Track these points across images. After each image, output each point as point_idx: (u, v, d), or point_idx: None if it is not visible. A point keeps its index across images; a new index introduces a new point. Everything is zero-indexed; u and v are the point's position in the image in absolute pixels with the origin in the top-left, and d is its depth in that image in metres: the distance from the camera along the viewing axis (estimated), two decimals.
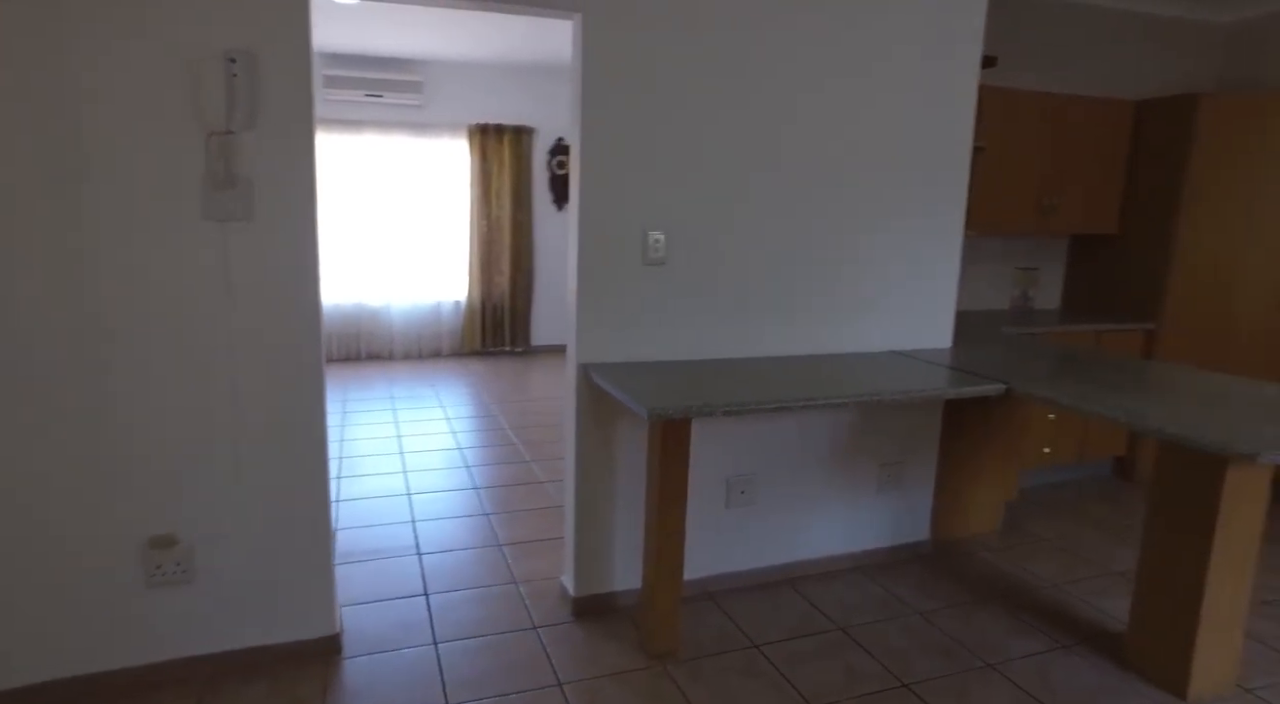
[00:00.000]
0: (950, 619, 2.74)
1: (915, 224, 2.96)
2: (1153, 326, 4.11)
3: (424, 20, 5.24)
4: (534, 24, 5.29)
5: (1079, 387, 2.43)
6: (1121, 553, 3.34)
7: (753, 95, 2.59)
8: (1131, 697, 2.33)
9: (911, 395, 2.33)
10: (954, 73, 2.90)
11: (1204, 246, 3.99)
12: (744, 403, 2.11)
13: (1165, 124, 4.06)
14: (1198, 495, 2.27)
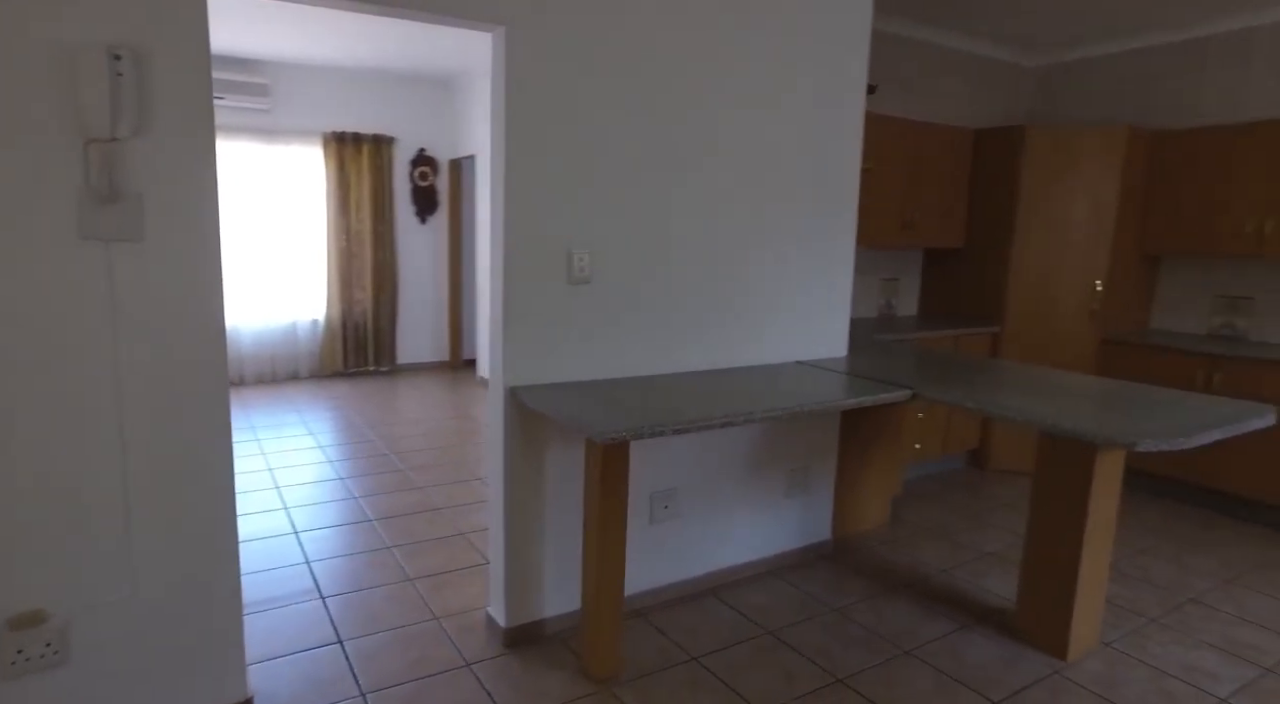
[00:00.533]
0: (864, 612, 2.90)
1: (815, 240, 3.13)
2: (997, 329, 4.60)
3: (273, 17, 4.86)
4: (400, 29, 5.07)
5: (971, 389, 2.67)
6: (988, 536, 3.70)
7: (674, 118, 2.63)
8: (1024, 663, 2.58)
9: (839, 404, 2.46)
10: (846, 101, 3.10)
11: (1033, 258, 4.52)
12: (693, 420, 2.13)
13: (1000, 151, 4.56)
14: (1073, 480, 2.57)
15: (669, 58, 2.58)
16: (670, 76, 2.60)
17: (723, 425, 2.17)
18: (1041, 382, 2.87)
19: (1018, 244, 4.53)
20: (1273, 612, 3.04)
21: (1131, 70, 4.79)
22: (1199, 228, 4.33)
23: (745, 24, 2.74)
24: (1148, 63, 4.72)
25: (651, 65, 2.55)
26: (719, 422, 2.17)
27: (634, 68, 2.52)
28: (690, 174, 2.72)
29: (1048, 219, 4.48)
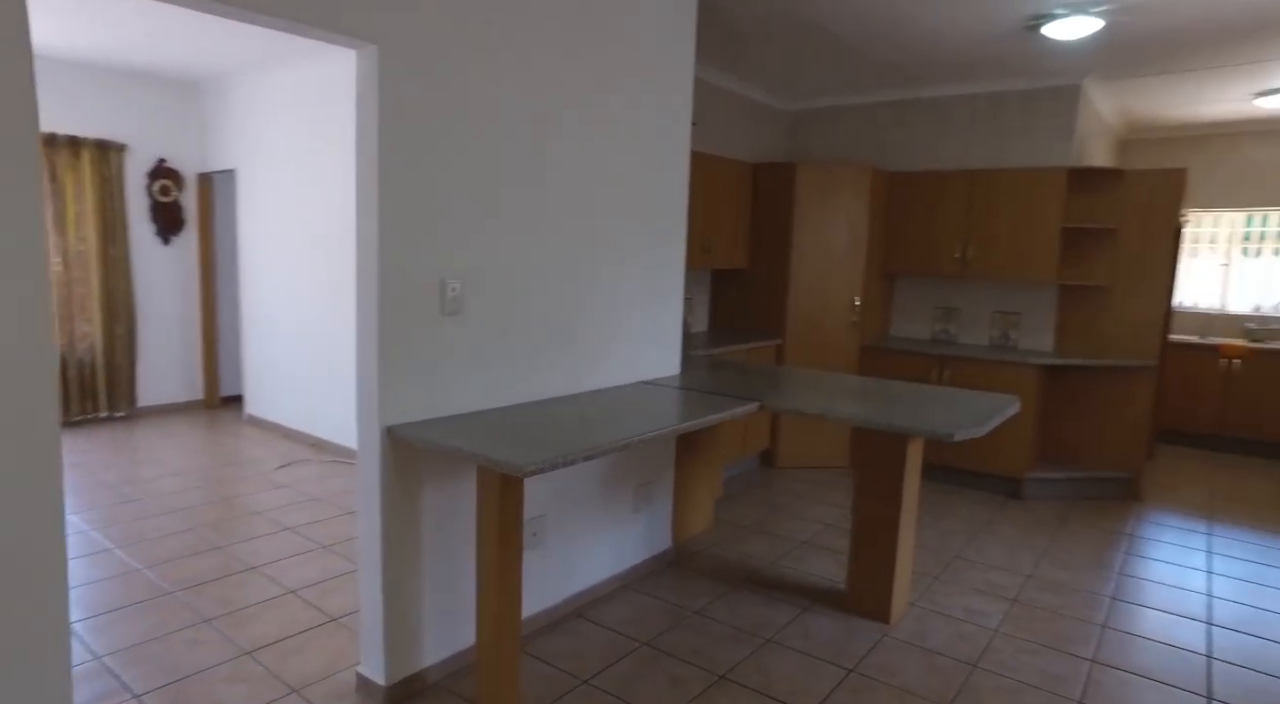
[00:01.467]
0: (720, 610, 3.14)
1: (653, 265, 3.33)
2: (780, 341, 5.18)
3: None
4: (143, 20, 4.43)
5: (801, 397, 3.02)
6: (797, 527, 4.17)
7: (536, 148, 2.66)
8: (860, 632, 2.99)
9: (710, 420, 2.65)
10: (675, 135, 3.35)
11: (807, 277, 5.18)
12: (598, 445, 2.19)
13: (775, 183, 5.17)
14: (890, 469, 3.03)
15: (533, 89, 2.62)
16: (534, 108, 2.63)
17: (622, 449, 2.26)
18: (845, 386, 3.33)
19: (794, 264, 5.15)
20: (1004, 556, 3.81)
21: (865, 119, 5.70)
22: (922, 253, 5.28)
23: (596, 58, 2.86)
24: (876, 115, 5.65)
25: (517, 97, 2.57)
26: (620, 445, 2.25)
27: (500, 98, 2.51)
28: (550, 202, 2.76)
29: (817, 243, 5.16)
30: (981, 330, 5.39)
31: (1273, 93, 5.28)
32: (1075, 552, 3.96)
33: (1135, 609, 3.31)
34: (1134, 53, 4.32)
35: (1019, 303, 5.21)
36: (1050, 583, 3.54)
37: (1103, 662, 2.85)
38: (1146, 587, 3.55)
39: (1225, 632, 3.12)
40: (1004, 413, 2.91)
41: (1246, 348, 6.11)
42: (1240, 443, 6.17)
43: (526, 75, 2.60)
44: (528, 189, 2.67)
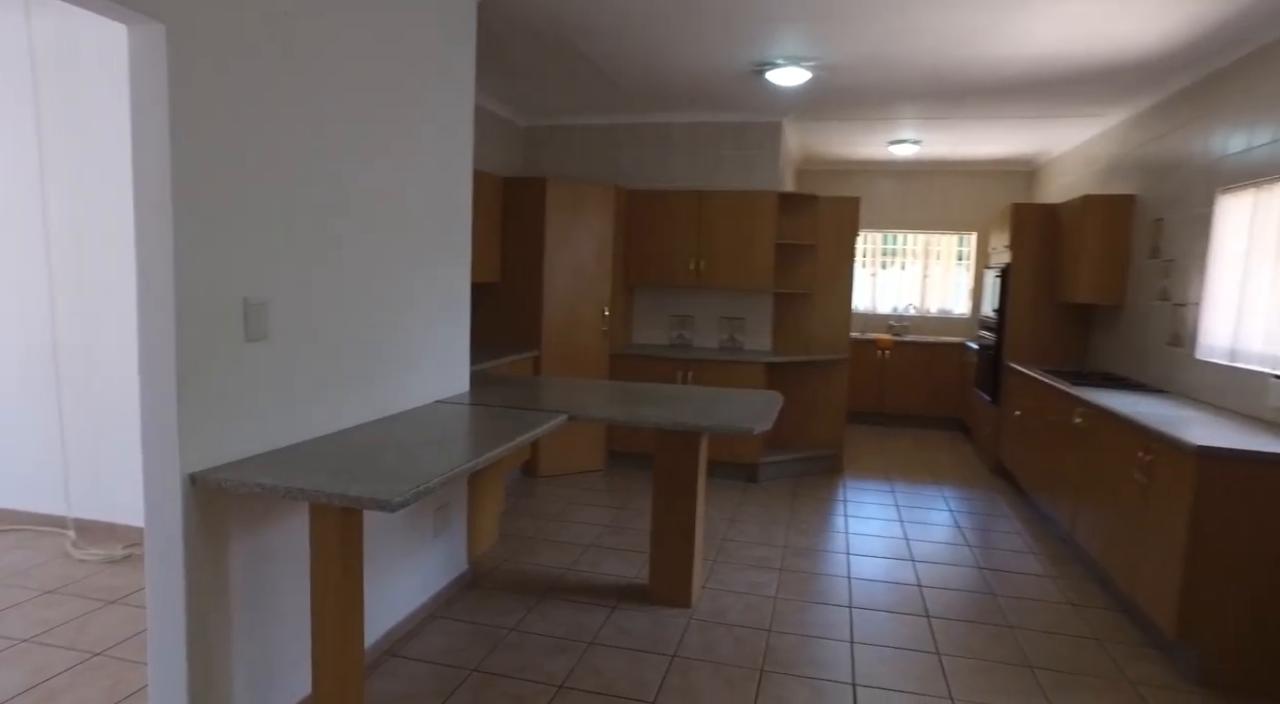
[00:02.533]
0: (536, 623, 3.15)
1: (444, 282, 3.21)
2: (537, 353, 5.28)
3: None
4: None
5: (600, 405, 3.16)
6: (578, 532, 4.31)
7: (337, 160, 2.43)
8: (669, 619, 3.21)
9: (529, 437, 2.65)
10: (461, 150, 3.27)
11: (560, 289, 5.35)
12: (456, 467, 2.09)
13: (526, 197, 5.25)
14: (686, 465, 3.30)
15: (333, 95, 2.39)
16: (334, 114, 2.41)
17: (472, 471, 2.18)
18: (625, 392, 3.53)
19: (547, 277, 5.28)
20: (760, 533, 4.36)
21: (600, 139, 6.05)
22: (660, 265, 5.76)
23: (390, 71, 2.70)
24: (610, 135, 6.02)
25: (316, 103, 2.33)
26: (469, 468, 2.17)
27: (300, 102, 2.27)
28: (350, 215, 2.55)
29: (568, 256, 5.35)
30: (712, 334, 6.03)
31: (900, 142, 6.71)
32: (811, 520, 4.65)
33: (864, 559, 4.00)
34: (820, 101, 5.21)
35: (742, 309, 5.94)
36: (801, 549, 4.13)
37: (857, 606, 3.41)
38: (866, 540, 4.31)
39: (924, 565, 3.92)
40: (776, 406, 3.34)
41: (892, 341, 7.65)
42: (893, 417, 7.69)
43: (326, 79, 2.38)
44: (328, 200, 2.44)
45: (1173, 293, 4.37)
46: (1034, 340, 5.73)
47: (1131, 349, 4.88)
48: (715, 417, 2.98)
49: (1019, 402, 5.31)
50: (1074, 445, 4.09)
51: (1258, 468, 2.75)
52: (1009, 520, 4.75)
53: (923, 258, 8.31)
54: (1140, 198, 4.94)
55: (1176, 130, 4.50)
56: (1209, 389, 3.87)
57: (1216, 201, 3.98)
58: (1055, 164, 7.00)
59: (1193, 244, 4.19)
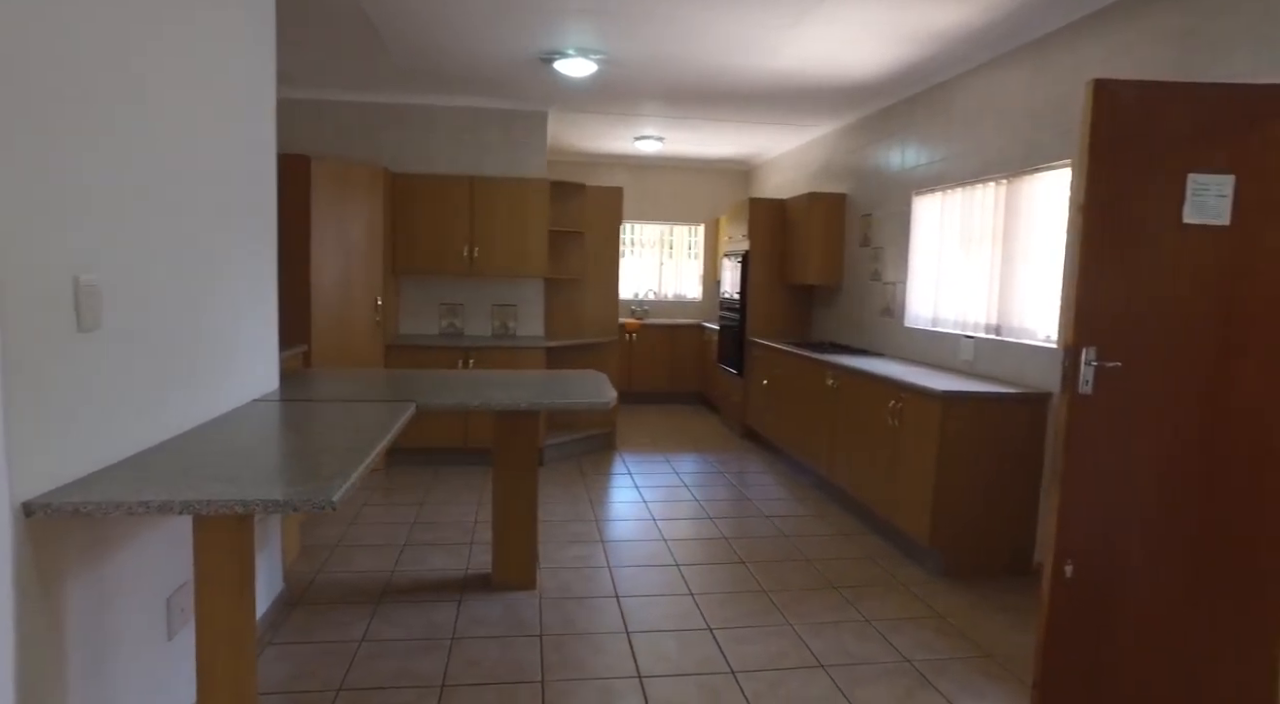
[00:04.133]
0: (385, 630, 2.95)
1: (256, 269, 2.84)
2: (306, 347, 4.80)
3: None
4: None
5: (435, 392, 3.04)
6: (384, 532, 4.06)
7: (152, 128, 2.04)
8: (519, 602, 3.23)
9: (395, 430, 2.48)
10: (263, 122, 2.89)
11: (330, 278, 4.91)
12: (363, 452, 1.91)
13: (286, 176, 4.69)
14: (526, 447, 3.32)
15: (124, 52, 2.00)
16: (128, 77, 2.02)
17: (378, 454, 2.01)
18: (449, 381, 3.43)
19: (316, 265, 4.82)
20: (568, 510, 4.50)
21: (360, 117, 5.62)
22: (431, 252, 5.56)
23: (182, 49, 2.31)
24: (371, 114, 5.63)
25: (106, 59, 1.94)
26: (378, 451, 2.01)
27: (83, 55, 1.88)
28: (168, 191, 2.16)
29: (338, 243, 4.93)
30: (484, 322, 5.97)
31: (645, 138, 7.24)
32: (609, 494, 4.89)
33: (671, 522, 4.36)
34: (593, 95, 5.44)
35: (515, 296, 5.97)
36: (611, 520, 4.35)
37: (683, 563, 3.73)
38: (665, 505, 4.67)
39: (722, 520, 4.40)
40: (605, 382, 3.49)
41: (639, 324, 8.23)
42: (642, 395, 8.28)
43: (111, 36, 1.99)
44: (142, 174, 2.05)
45: (883, 274, 5.38)
46: (770, 318, 6.60)
47: (851, 321, 5.89)
48: (566, 395, 3.05)
49: (765, 371, 6.10)
50: (826, 404, 4.86)
51: (978, 404, 3.58)
52: (770, 475, 5.47)
53: (658, 247, 9.02)
54: (850, 196, 5.96)
55: (876, 142, 5.53)
56: (916, 349, 4.87)
57: (913, 201, 4.99)
58: (770, 165, 8.07)
59: (896, 235, 5.19)
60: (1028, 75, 3.90)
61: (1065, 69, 3.63)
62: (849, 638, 2.99)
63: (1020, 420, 3.62)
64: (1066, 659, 2.48)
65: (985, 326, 4.20)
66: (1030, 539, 3.67)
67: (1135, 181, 2.38)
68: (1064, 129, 3.60)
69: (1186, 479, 2.44)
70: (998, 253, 4.13)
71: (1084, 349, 2.38)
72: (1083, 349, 2.38)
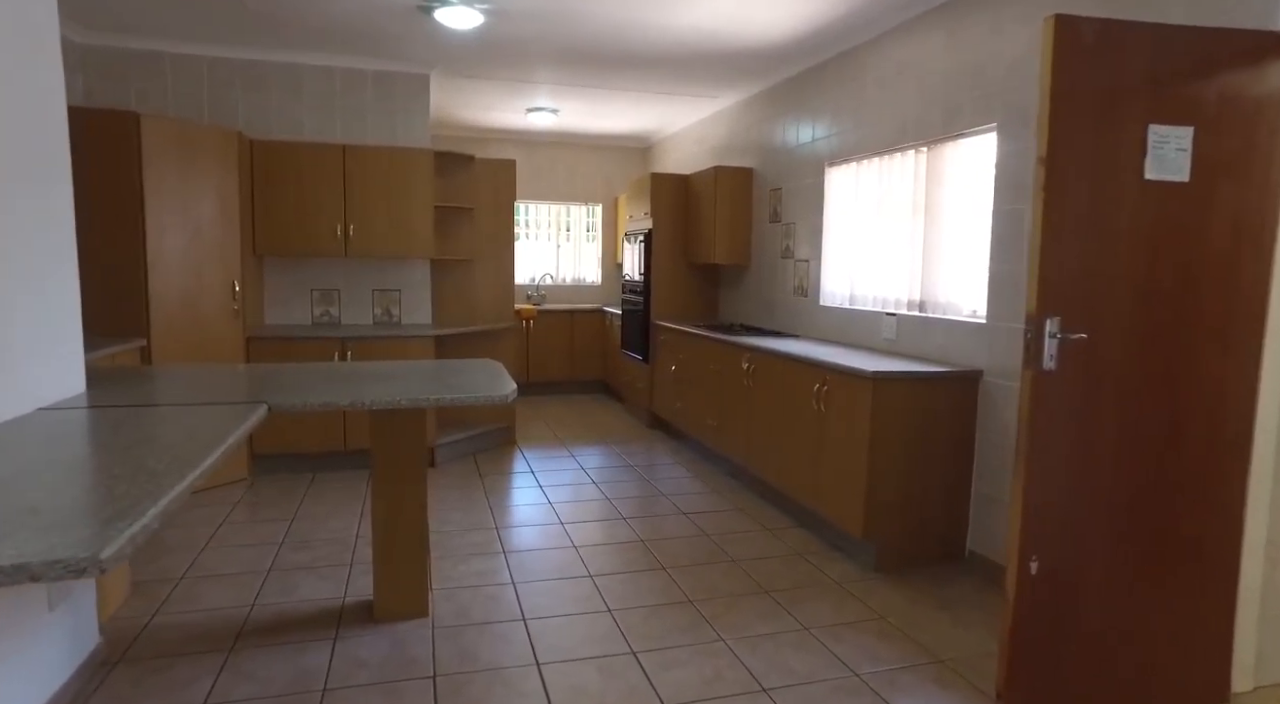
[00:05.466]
0: (238, 685, 2.39)
1: (42, 243, 2.20)
2: (144, 342, 4.05)
3: None
4: None
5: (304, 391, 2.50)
6: (240, 555, 3.44)
7: None
8: (410, 635, 2.73)
9: (239, 438, 1.94)
10: (46, 62, 2.24)
11: (172, 261, 4.16)
12: (164, 486, 1.39)
13: (108, 136, 3.94)
14: (409, 452, 2.81)
15: None
16: None
17: (188, 486, 1.48)
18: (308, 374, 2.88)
19: (153, 245, 4.07)
20: (464, 517, 4.01)
21: (204, 74, 4.84)
22: (299, 231, 4.87)
23: None
24: (219, 71, 4.86)
25: None
26: (187, 485, 1.48)
27: None
28: None
29: (181, 218, 4.19)
30: (364, 310, 5.33)
31: (538, 110, 6.73)
32: (510, 496, 4.42)
33: (580, 525, 3.94)
34: (477, 54, 4.89)
35: (398, 280, 5.35)
36: (514, 527, 3.89)
37: (597, 573, 3.33)
38: (572, 507, 4.25)
39: (634, 520, 4.03)
40: (502, 372, 3.02)
41: (535, 310, 7.72)
42: (540, 385, 7.79)
43: None
44: None
45: (795, 251, 5.13)
46: (676, 300, 6.27)
47: (762, 301, 5.63)
48: (458, 389, 2.57)
49: (673, 356, 5.76)
50: (742, 389, 4.57)
51: (910, 385, 3.35)
52: (682, 466, 5.14)
53: (555, 229, 8.52)
54: (758, 171, 5.69)
55: (784, 114, 5.27)
56: (833, 329, 4.64)
57: (826, 173, 4.75)
58: (670, 141, 7.73)
59: (808, 210, 4.95)
60: (944, 38, 3.69)
61: (983, 30, 3.43)
62: (789, 651, 2.67)
63: (952, 401, 3.42)
64: (1031, 666, 2.25)
65: (907, 303, 4.00)
66: (963, 526, 3.49)
67: (1096, 131, 2.15)
68: (984, 93, 3.41)
69: (1146, 461, 2.25)
70: (919, 225, 3.93)
71: (1047, 319, 2.13)
72: (1046, 319, 2.13)
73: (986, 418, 3.40)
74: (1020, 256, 3.19)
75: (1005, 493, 3.27)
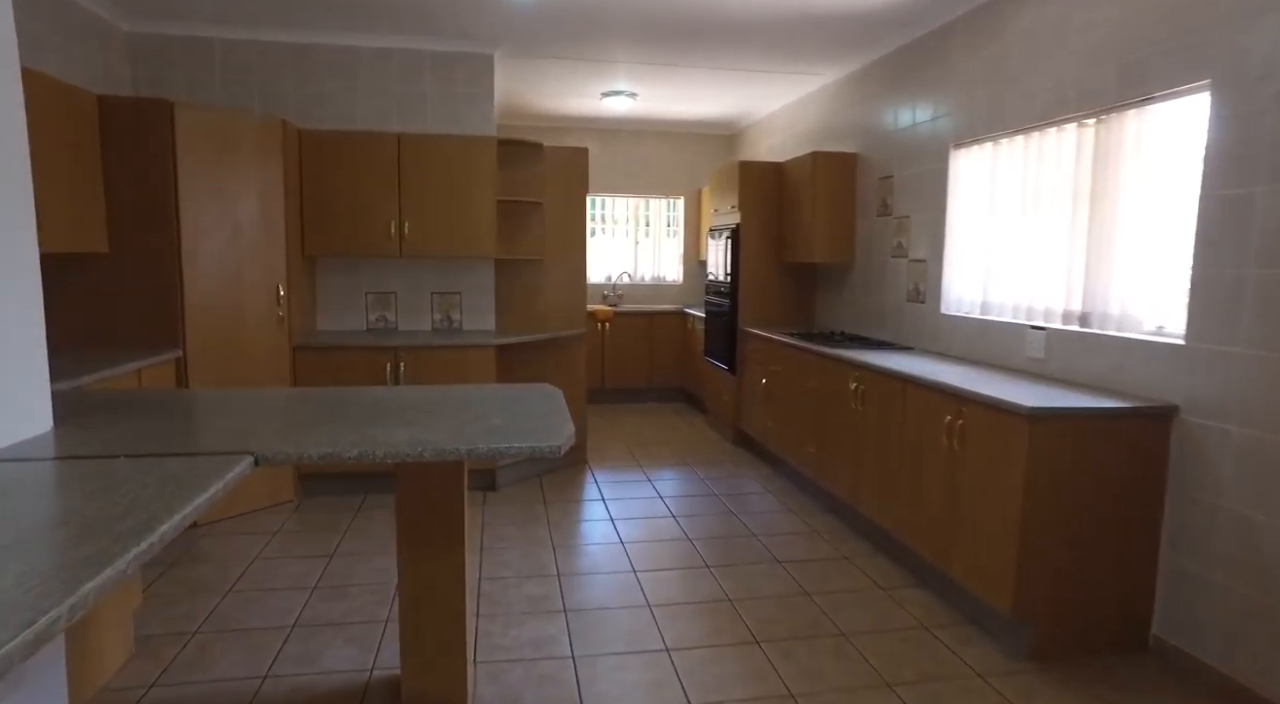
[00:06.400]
0: None
1: None
2: (179, 353, 3.69)
3: None
4: None
5: (313, 431, 1.99)
6: (267, 603, 3.00)
7: None
8: None
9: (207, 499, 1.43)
10: None
11: (210, 264, 3.79)
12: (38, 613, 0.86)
13: (139, 128, 3.58)
14: (443, 506, 2.27)
15: None
16: None
17: None
18: (337, 402, 2.38)
19: (188, 246, 3.70)
20: (525, 561, 3.48)
21: (252, 60, 4.47)
22: (351, 230, 4.44)
23: None
24: (267, 56, 4.49)
25: None
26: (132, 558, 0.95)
27: None
28: None
29: (220, 217, 3.81)
30: (422, 315, 4.89)
31: (615, 94, 6.15)
32: (576, 532, 3.87)
33: (656, 576, 3.34)
34: (541, 30, 4.34)
35: (459, 282, 4.88)
36: (579, 574, 3.33)
37: (675, 647, 2.73)
38: (647, 548, 3.66)
39: (720, 570, 3.40)
40: (559, 405, 2.46)
41: (611, 312, 7.17)
42: (616, 393, 7.25)
43: None
44: None
45: (909, 249, 4.38)
46: (767, 304, 5.59)
47: (867, 307, 4.89)
48: (501, 435, 2.00)
49: (763, 368, 5.09)
50: (848, 413, 3.87)
51: (1080, 424, 2.60)
52: (773, 496, 4.48)
53: (633, 224, 7.95)
54: (864, 156, 4.94)
55: (895, 90, 4.50)
56: (959, 343, 3.88)
57: (950, 157, 3.98)
58: (755, 128, 7.02)
59: (927, 200, 4.19)
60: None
61: None
62: None
63: (1134, 444, 2.65)
64: None
65: (1062, 314, 3.22)
66: (1147, 606, 2.71)
67: None
68: (1187, 41, 2.60)
69: None
70: (1081, 217, 3.14)
71: None
72: None
73: (1184, 468, 2.61)
74: (1247, 256, 2.39)
75: (1214, 568, 2.48)
